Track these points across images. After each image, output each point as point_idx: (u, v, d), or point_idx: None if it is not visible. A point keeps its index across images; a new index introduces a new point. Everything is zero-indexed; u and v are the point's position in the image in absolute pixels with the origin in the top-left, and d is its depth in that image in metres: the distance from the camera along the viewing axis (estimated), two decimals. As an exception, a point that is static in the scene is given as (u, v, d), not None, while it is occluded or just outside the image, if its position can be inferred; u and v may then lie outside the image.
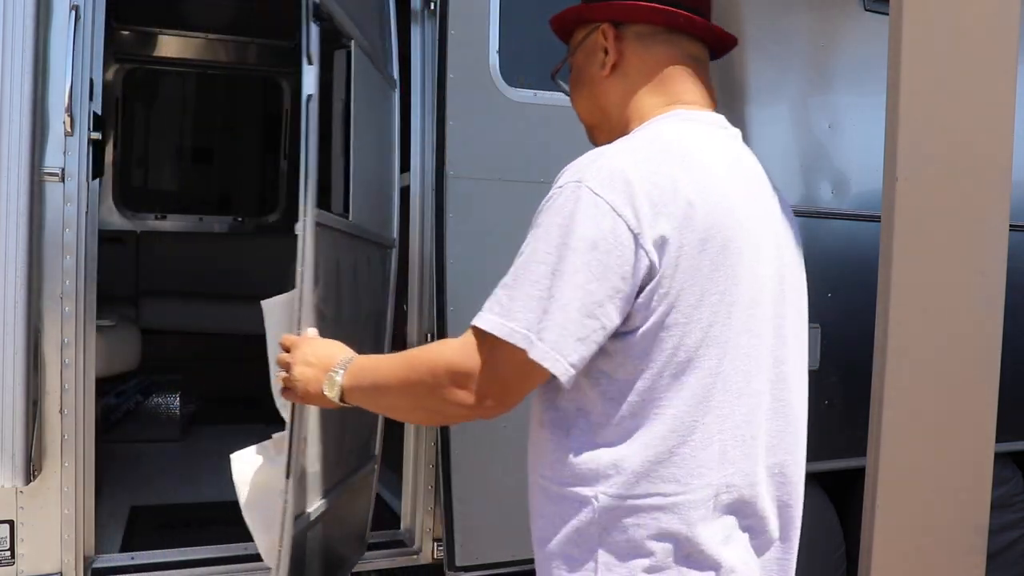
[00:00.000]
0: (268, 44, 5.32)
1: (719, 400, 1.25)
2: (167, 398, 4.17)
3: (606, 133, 1.43)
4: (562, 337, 1.16)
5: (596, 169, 1.21)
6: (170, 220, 5.18)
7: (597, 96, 1.43)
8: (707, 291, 1.22)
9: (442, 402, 1.22)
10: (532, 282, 1.17)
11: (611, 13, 1.39)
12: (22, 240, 2.18)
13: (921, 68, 2.21)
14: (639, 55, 1.39)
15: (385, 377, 1.32)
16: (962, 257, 2.28)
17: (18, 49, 2.17)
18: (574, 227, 1.18)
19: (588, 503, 1.24)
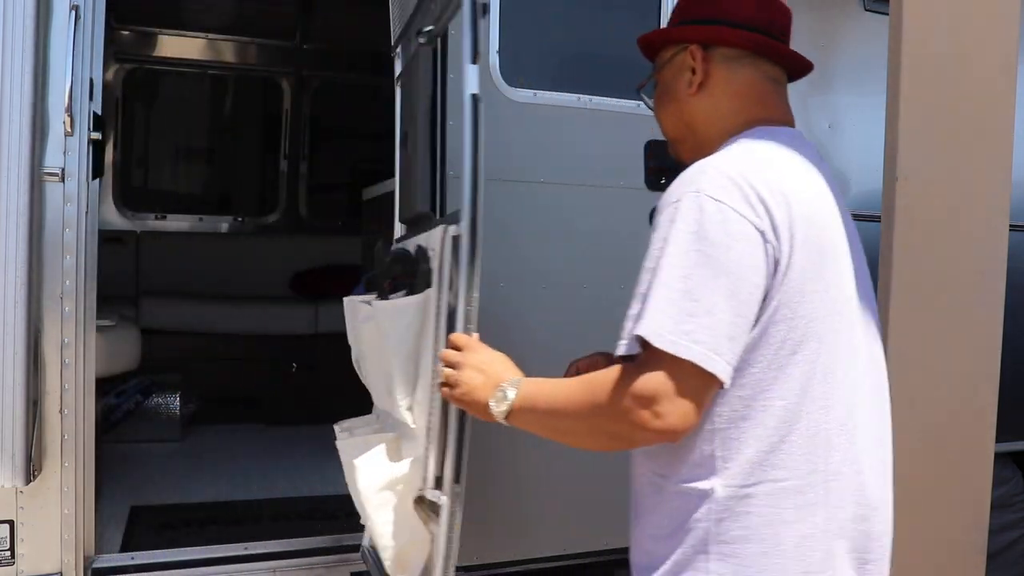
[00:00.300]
0: (268, 44, 5.32)
1: (822, 391, 1.32)
2: (167, 398, 4.17)
3: (690, 147, 1.54)
4: (719, 341, 1.23)
5: (709, 178, 1.30)
6: (170, 220, 5.18)
7: (683, 112, 1.54)
8: (809, 287, 1.31)
9: (630, 427, 1.26)
10: (685, 295, 1.24)
11: (702, 36, 1.51)
12: (22, 240, 2.18)
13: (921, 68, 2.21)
14: (725, 76, 1.50)
15: (564, 402, 1.36)
16: (962, 257, 2.28)
17: (18, 49, 2.17)
18: (706, 234, 1.25)
19: (706, 496, 1.31)
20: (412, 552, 1.79)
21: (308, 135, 5.48)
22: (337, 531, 2.82)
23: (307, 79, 5.41)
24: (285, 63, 5.36)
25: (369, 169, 5.07)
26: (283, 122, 5.46)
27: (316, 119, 5.50)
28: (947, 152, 2.27)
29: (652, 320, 1.24)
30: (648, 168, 2.82)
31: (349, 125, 5.68)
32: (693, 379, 1.23)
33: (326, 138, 5.58)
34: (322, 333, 4.78)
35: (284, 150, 5.46)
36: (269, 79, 5.44)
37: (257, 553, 2.63)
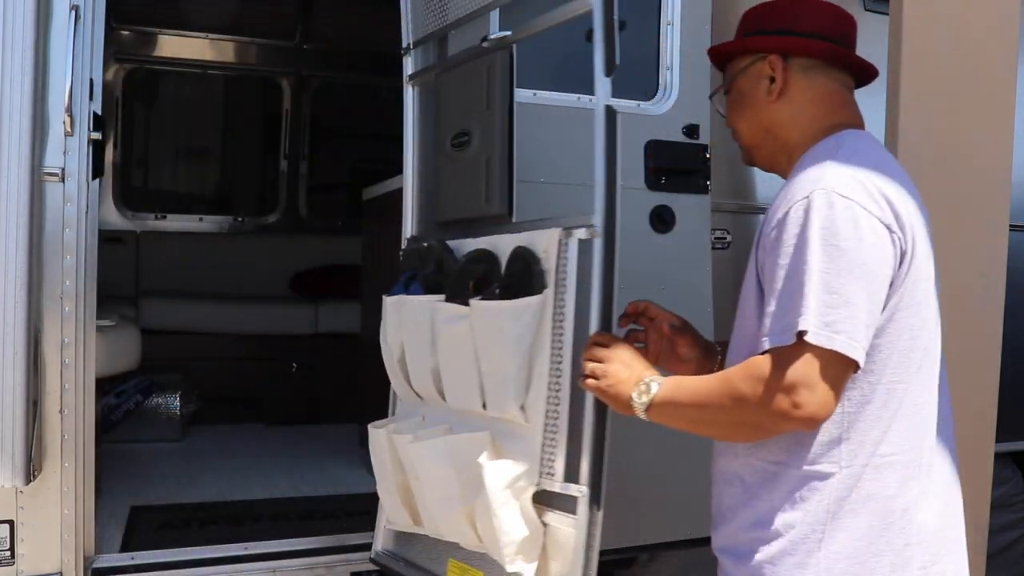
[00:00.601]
0: (268, 44, 5.32)
1: (929, 373, 1.47)
2: (167, 398, 4.17)
3: (767, 152, 1.66)
4: (858, 329, 1.33)
5: (834, 177, 1.39)
6: (170, 220, 5.17)
7: (762, 118, 1.63)
8: (923, 274, 1.43)
9: (773, 417, 1.35)
10: (823, 287, 1.32)
11: (781, 46, 1.60)
12: (22, 240, 2.18)
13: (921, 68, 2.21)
14: (803, 84, 1.60)
15: (705, 395, 1.45)
16: (962, 257, 2.29)
17: (18, 49, 2.17)
18: (837, 229, 1.34)
19: (828, 477, 1.40)
20: (529, 544, 1.90)
21: (308, 135, 5.48)
22: (337, 531, 2.82)
23: (307, 79, 5.41)
24: (285, 63, 5.36)
25: (369, 169, 5.08)
26: (283, 122, 5.45)
27: (316, 119, 5.50)
28: (947, 152, 2.27)
29: (803, 313, 1.32)
30: (648, 168, 2.82)
31: (349, 125, 5.68)
32: (834, 367, 1.33)
33: (326, 138, 5.58)
34: (322, 333, 4.78)
35: (284, 150, 5.46)
36: (269, 79, 5.44)
37: (257, 553, 2.63)
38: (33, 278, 2.23)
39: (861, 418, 1.40)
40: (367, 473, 3.59)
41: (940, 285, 1.55)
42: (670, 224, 2.83)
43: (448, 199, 2.39)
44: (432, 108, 2.52)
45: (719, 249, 3.02)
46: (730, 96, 1.70)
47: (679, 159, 2.85)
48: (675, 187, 2.84)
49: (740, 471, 1.50)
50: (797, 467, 1.42)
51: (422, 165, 2.59)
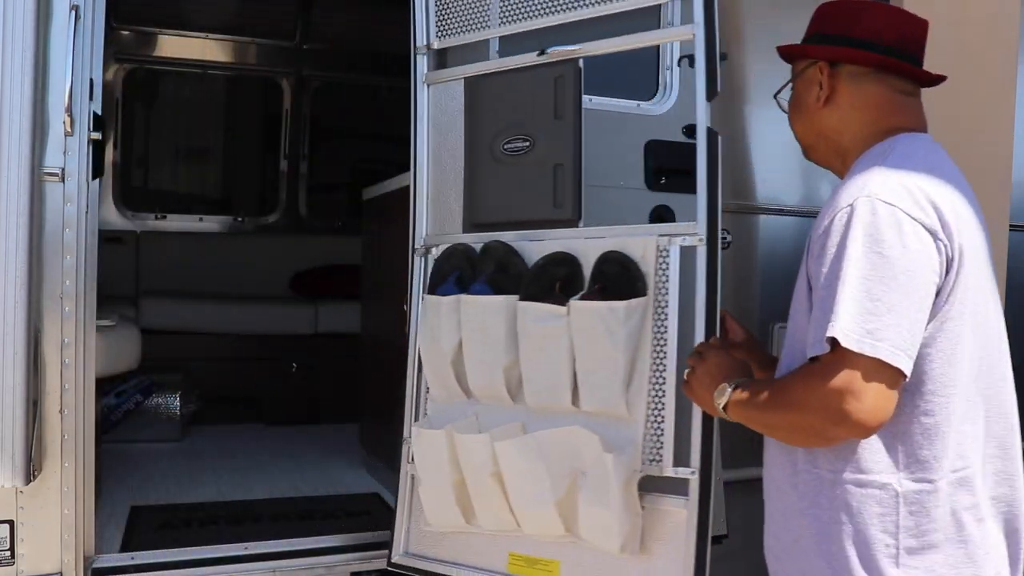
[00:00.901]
0: (268, 44, 5.32)
1: (986, 381, 1.46)
2: (167, 398, 4.17)
3: (823, 154, 1.68)
4: (902, 337, 1.32)
5: (879, 183, 1.39)
6: (170, 220, 5.18)
7: (813, 122, 1.66)
8: (973, 282, 1.42)
9: (823, 422, 1.36)
10: (866, 295, 1.32)
11: (828, 54, 1.62)
12: (22, 240, 2.18)
13: (921, 68, 2.21)
14: (851, 91, 1.60)
15: (765, 399, 1.46)
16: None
17: (18, 49, 2.17)
18: (882, 237, 1.34)
19: (889, 489, 1.39)
20: (637, 529, 2.07)
21: (308, 135, 5.48)
22: (337, 531, 2.82)
23: (307, 79, 5.41)
24: (285, 63, 5.36)
25: (369, 169, 5.08)
26: (283, 122, 5.45)
27: (316, 119, 5.50)
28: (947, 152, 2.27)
29: (838, 321, 1.32)
30: (648, 168, 2.82)
31: (349, 125, 5.68)
32: (880, 375, 1.31)
33: (326, 138, 5.58)
34: (322, 333, 4.78)
35: (284, 150, 5.46)
36: (269, 79, 5.44)
37: (257, 553, 2.62)
38: (33, 278, 2.23)
39: (914, 428, 1.39)
40: (367, 473, 3.60)
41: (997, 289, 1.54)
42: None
43: (497, 201, 2.40)
44: (447, 108, 2.53)
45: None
46: (791, 96, 1.72)
47: (679, 159, 2.86)
48: (675, 187, 2.84)
49: (794, 479, 1.51)
50: (853, 475, 1.42)
51: (438, 166, 2.57)
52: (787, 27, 3.33)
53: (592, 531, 2.09)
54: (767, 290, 3.29)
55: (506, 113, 2.36)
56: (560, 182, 2.25)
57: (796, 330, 1.52)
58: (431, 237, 2.55)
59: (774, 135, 3.32)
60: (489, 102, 2.42)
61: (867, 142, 1.56)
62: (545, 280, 2.19)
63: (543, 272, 2.20)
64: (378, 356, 3.54)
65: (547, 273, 2.19)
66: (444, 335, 2.32)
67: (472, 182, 2.45)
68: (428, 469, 2.33)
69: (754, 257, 3.26)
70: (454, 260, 2.40)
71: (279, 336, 4.73)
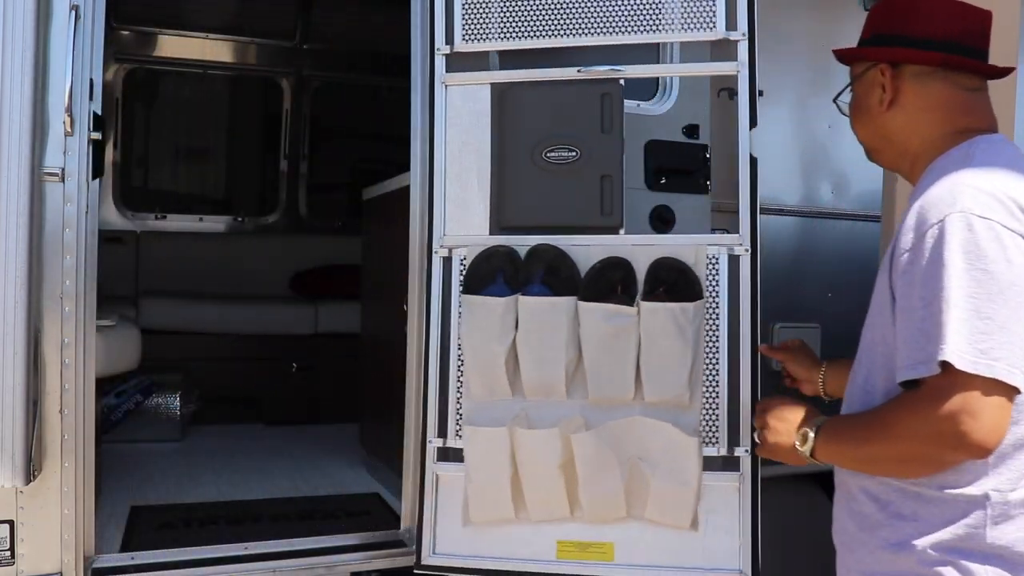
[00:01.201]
0: (268, 44, 5.32)
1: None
2: (167, 398, 4.17)
3: (889, 157, 1.64)
4: (1016, 354, 1.29)
5: (969, 196, 1.35)
6: (170, 220, 5.18)
7: (877, 126, 1.61)
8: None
9: (941, 449, 1.32)
10: (975, 314, 1.28)
11: (888, 55, 1.57)
12: (22, 240, 2.18)
13: (921, 68, 2.20)
14: (916, 92, 1.55)
15: (865, 434, 1.42)
16: (962, 257, 2.28)
17: (18, 49, 2.17)
18: (983, 253, 1.30)
19: (978, 502, 1.35)
20: (700, 505, 2.30)
21: (308, 135, 5.48)
22: (337, 531, 2.82)
23: (307, 79, 5.41)
24: (285, 63, 5.36)
25: (369, 169, 5.08)
26: (283, 122, 5.45)
27: (316, 119, 5.50)
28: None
29: (950, 343, 1.28)
30: (648, 168, 2.82)
31: (349, 125, 5.68)
32: (996, 394, 1.28)
33: (326, 138, 5.58)
34: (322, 333, 4.78)
35: (284, 150, 5.46)
36: (269, 79, 5.44)
37: (257, 553, 2.62)
38: (33, 278, 2.23)
39: (1008, 441, 1.35)
40: (367, 473, 3.60)
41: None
42: (670, 224, 2.83)
43: (534, 206, 2.49)
44: (470, 110, 2.54)
45: (719, 249, 3.02)
46: (852, 100, 1.69)
47: (679, 159, 2.85)
48: (675, 187, 2.84)
49: (875, 489, 1.47)
50: (938, 489, 1.38)
51: (458, 166, 2.56)
52: (787, 27, 3.35)
53: (664, 510, 2.30)
54: (767, 290, 3.29)
55: (548, 122, 2.47)
56: (608, 192, 2.44)
57: (877, 341, 1.49)
58: (451, 238, 2.54)
59: (773, 135, 3.32)
60: (529, 110, 2.49)
61: (938, 145, 1.51)
62: (603, 283, 2.35)
63: (601, 275, 2.36)
64: (378, 356, 3.54)
65: (605, 276, 2.35)
66: (499, 334, 2.38)
67: (506, 186, 2.50)
68: (483, 466, 2.39)
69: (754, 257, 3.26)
70: (495, 261, 2.44)
71: (279, 336, 4.73)
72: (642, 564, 2.34)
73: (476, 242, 2.48)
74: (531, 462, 2.35)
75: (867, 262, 2.85)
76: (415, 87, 2.73)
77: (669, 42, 2.74)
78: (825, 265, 3.36)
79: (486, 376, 2.41)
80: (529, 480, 2.36)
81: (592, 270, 2.38)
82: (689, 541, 2.33)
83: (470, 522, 2.43)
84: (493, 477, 2.37)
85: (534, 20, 2.49)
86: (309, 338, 4.77)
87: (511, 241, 2.45)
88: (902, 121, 1.57)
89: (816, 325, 3.33)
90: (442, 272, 2.50)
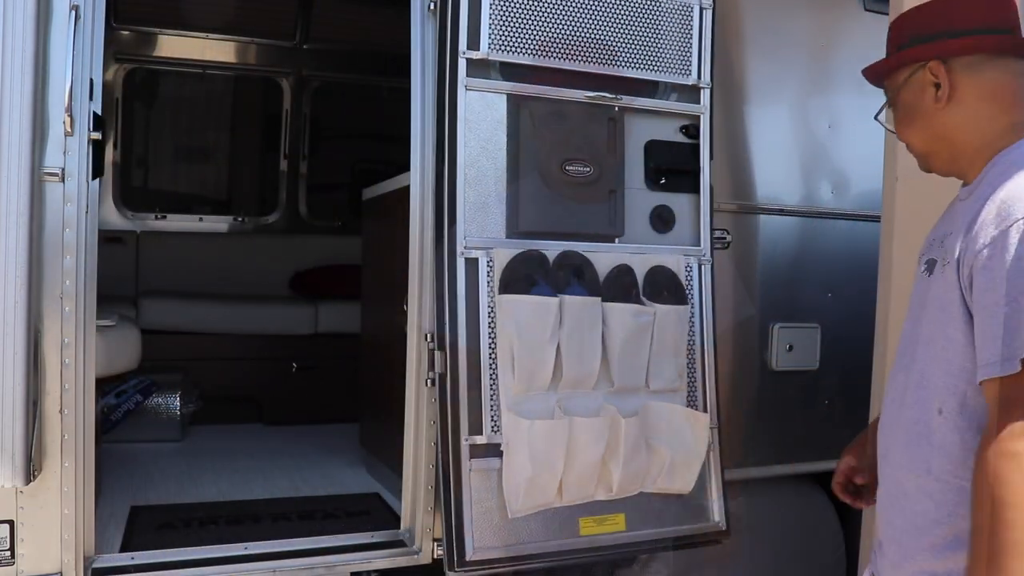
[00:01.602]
0: (268, 44, 5.32)
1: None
2: (167, 398, 4.16)
3: (945, 159, 1.60)
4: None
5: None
6: (170, 220, 5.18)
7: (935, 127, 1.57)
8: None
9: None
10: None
11: (937, 51, 1.54)
12: (22, 240, 2.18)
13: (921, 68, 2.20)
14: (972, 82, 1.53)
15: (998, 527, 1.27)
16: (962, 257, 2.28)
17: (18, 49, 2.17)
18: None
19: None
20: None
21: (308, 135, 5.48)
22: (337, 531, 2.82)
23: (307, 79, 5.41)
24: (285, 63, 5.36)
25: (369, 169, 5.08)
26: (283, 122, 5.45)
27: (316, 119, 5.50)
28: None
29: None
30: (648, 168, 2.83)
31: (349, 125, 5.68)
32: None
33: (326, 138, 5.58)
34: (322, 333, 4.78)
35: (284, 150, 5.46)
36: (269, 79, 5.44)
37: (257, 553, 2.63)
38: (33, 278, 2.23)
39: None
40: (367, 473, 3.61)
41: None
42: (670, 224, 2.84)
43: (549, 213, 2.70)
44: (488, 117, 2.64)
45: (719, 249, 3.02)
46: (895, 111, 1.66)
47: (679, 159, 2.86)
48: (675, 187, 2.85)
49: (930, 488, 1.45)
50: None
51: (475, 170, 2.62)
52: (787, 27, 3.36)
53: (671, 480, 2.73)
54: (767, 290, 3.30)
55: (566, 138, 2.71)
56: (615, 205, 2.78)
57: (936, 337, 1.46)
58: (474, 239, 2.60)
59: (772, 135, 3.32)
60: (552, 125, 2.69)
61: (999, 137, 1.49)
62: (620, 286, 2.72)
63: (617, 279, 2.73)
64: (378, 356, 3.54)
65: (620, 280, 2.73)
66: (551, 332, 2.59)
67: (527, 193, 2.65)
68: (540, 456, 2.54)
69: (754, 257, 3.27)
70: (531, 265, 2.62)
71: (279, 336, 4.73)
72: (650, 528, 2.72)
73: (495, 245, 2.61)
74: (582, 449, 2.58)
75: (867, 262, 2.85)
76: (415, 88, 2.73)
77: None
78: (825, 265, 3.37)
79: (534, 371, 2.58)
80: (577, 465, 2.59)
81: (611, 274, 2.72)
82: (681, 504, 2.78)
83: (516, 513, 2.58)
84: (549, 465, 2.55)
85: (553, 42, 2.67)
86: (309, 338, 4.77)
87: (526, 245, 2.63)
88: (960, 116, 1.54)
89: (816, 325, 3.34)
90: (466, 273, 2.56)
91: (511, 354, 2.56)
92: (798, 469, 3.39)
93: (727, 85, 3.13)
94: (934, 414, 1.46)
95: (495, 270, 2.60)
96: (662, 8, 2.82)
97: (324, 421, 4.53)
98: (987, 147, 1.50)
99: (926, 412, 1.47)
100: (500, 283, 2.58)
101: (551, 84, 2.69)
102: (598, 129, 2.75)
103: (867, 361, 2.65)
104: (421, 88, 2.72)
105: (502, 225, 2.63)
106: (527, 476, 2.53)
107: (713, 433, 2.83)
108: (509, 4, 2.62)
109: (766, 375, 3.29)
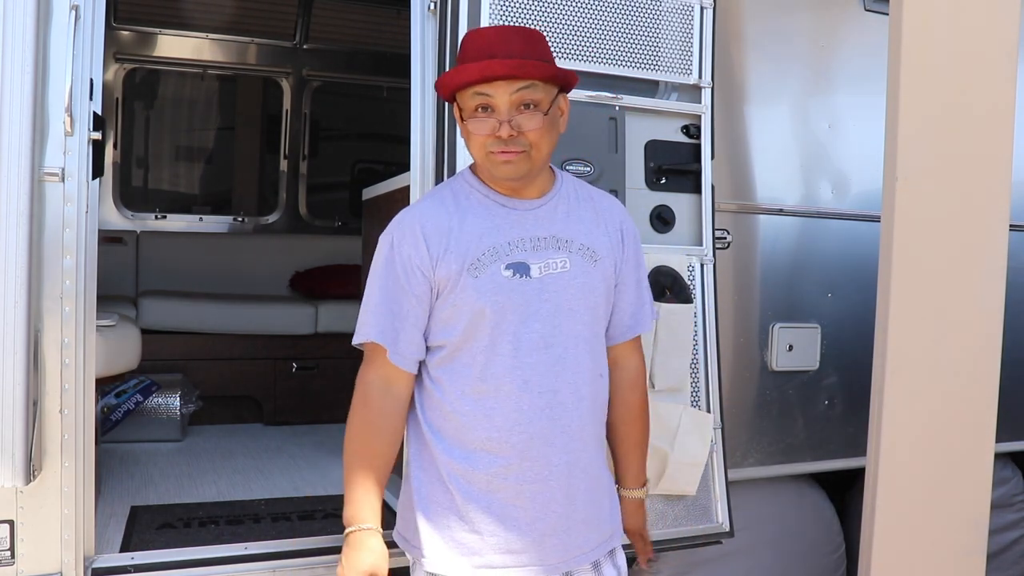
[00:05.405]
0: (268, 44, 5.33)
1: None
2: (167, 398, 4.16)
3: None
4: None
5: None
6: (170, 220, 5.18)
7: None
8: None
9: None
10: None
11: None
12: (22, 240, 2.18)
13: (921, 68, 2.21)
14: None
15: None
16: (962, 257, 2.28)
17: (18, 49, 2.17)
18: None
19: None
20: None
21: (308, 135, 5.48)
22: (337, 531, 2.81)
23: (307, 79, 5.41)
24: (285, 63, 5.37)
25: (369, 169, 5.09)
26: (283, 122, 5.46)
27: (316, 119, 5.50)
28: (947, 152, 2.26)
29: None
30: (648, 168, 2.83)
31: (349, 125, 5.69)
32: None
33: (326, 138, 5.59)
34: (322, 333, 4.78)
35: (284, 150, 5.46)
36: (269, 79, 5.44)
37: (257, 553, 2.62)
38: (33, 278, 2.23)
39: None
40: (367, 473, 3.60)
41: None
42: (670, 224, 2.84)
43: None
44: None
45: (719, 249, 3.02)
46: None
47: (680, 159, 2.86)
48: (676, 187, 2.85)
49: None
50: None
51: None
52: (787, 27, 3.36)
53: (675, 482, 2.73)
54: (767, 290, 3.30)
55: (568, 138, 2.66)
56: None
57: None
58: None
59: (772, 135, 3.32)
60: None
61: None
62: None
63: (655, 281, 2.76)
64: (378, 356, 3.53)
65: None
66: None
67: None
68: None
69: (754, 257, 3.26)
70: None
71: (279, 336, 4.73)
72: (653, 528, 2.59)
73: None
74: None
75: (867, 262, 2.85)
76: (415, 88, 2.73)
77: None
78: (825, 265, 3.37)
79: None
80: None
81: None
82: (684, 504, 2.80)
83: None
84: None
85: (553, 42, 2.63)
86: (309, 338, 4.77)
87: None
88: None
89: (816, 325, 3.34)
90: None
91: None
92: (798, 469, 3.39)
93: (727, 85, 3.13)
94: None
95: None
96: (663, 7, 2.82)
97: (324, 421, 4.53)
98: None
99: None
100: None
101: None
102: (598, 129, 2.77)
103: (867, 361, 2.65)
104: (421, 88, 2.72)
105: None
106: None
107: (717, 434, 2.82)
108: (509, 4, 2.62)
109: (766, 375, 3.29)
